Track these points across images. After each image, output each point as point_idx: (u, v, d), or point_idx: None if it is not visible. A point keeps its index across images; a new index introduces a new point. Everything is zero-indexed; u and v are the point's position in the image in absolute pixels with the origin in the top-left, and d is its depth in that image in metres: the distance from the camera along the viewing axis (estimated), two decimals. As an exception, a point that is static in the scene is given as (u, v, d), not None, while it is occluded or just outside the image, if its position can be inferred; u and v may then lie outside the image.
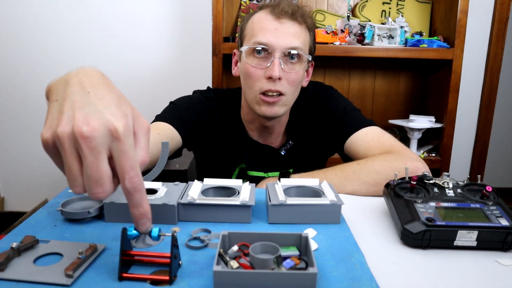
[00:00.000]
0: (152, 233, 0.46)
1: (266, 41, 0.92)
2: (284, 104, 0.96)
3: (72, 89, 0.40)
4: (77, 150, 0.38)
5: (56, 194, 0.71)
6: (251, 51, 0.94)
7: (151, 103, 2.03)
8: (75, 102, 0.39)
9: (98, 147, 0.38)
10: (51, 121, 0.39)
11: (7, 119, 2.14)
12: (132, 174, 0.39)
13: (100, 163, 0.38)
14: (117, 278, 0.44)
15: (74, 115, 0.38)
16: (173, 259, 0.44)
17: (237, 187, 0.65)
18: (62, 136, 0.38)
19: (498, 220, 0.55)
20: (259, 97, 0.94)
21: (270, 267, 0.42)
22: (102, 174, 0.39)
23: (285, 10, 0.92)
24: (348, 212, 0.67)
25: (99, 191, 0.39)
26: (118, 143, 0.39)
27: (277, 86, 0.93)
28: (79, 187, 0.39)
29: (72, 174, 0.39)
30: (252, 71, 0.94)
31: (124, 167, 0.39)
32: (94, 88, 0.41)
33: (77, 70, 0.43)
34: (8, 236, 0.54)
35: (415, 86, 2.03)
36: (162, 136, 0.90)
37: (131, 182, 0.39)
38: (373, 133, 0.96)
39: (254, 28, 0.95)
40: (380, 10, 1.90)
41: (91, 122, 0.38)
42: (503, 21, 1.98)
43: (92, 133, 0.37)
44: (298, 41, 0.93)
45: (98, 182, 0.39)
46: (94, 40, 2.03)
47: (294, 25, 0.93)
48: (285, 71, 0.93)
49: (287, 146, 1.09)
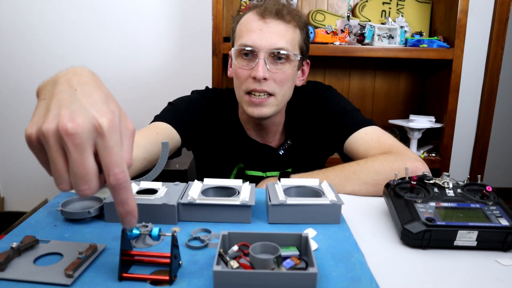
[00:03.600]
0: (152, 233, 0.46)
1: (250, 42, 0.92)
2: (273, 105, 0.96)
3: (60, 87, 0.41)
4: (62, 147, 0.38)
5: (56, 194, 0.71)
6: (238, 53, 0.95)
7: (151, 103, 2.03)
8: (62, 100, 0.39)
9: (83, 143, 0.38)
10: (37, 118, 0.39)
11: (7, 119, 2.14)
12: (117, 171, 0.39)
13: (86, 159, 0.38)
14: (117, 278, 0.44)
15: (60, 112, 0.38)
16: (173, 259, 0.44)
17: (237, 187, 0.65)
18: (47, 132, 0.38)
19: (498, 220, 0.55)
20: (246, 97, 0.96)
21: (270, 267, 0.42)
22: (87, 170, 0.38)
23: (269, 9, 0.92)
24: (348, 212, 0.67)
25: (85, 188, 0.39)
26: (103, 139, 0.39)
27: (263, 86, 0.93)
28: (65, 184, 0.39)
29: (58, 171, 0.39)
30: (239, 72, 0.95)
31: (108, 163, 0.39)
32: (82, 86, 0.41)
33: (66, 70, 0.43)
34: (8, 236, 0.54)
35: (415, 86, 2.03)
36: (161, 136, 0.90)
37: (116, 179, 0.39)
38: (372, 133, 0.96)
39: (241, 29, 0.96)
40: (380, 10, 1.90)
41: (76, 119, 0.38)
42: (503, 21, 1.98)
43: (77, 130, 0.37)
44: (283, 41, 0.92)
45: (84, 179, 0.38)
46: (94, 40, 2.04)
47: (280, 24, 0.93)
48: (271, 71, 0.93)
49: (285, 145, 1.09)
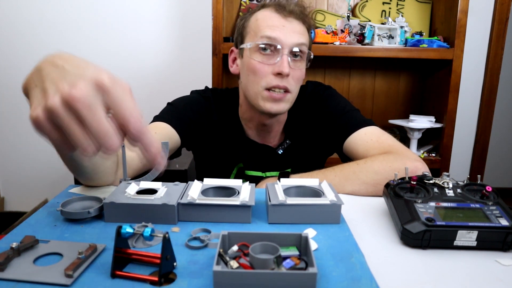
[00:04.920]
0: (144, 233, 0.46)
1: (275, 35, 0.92)
2: (289, 101, 0.97)
3: (46, 70, 0.41)
4: (75, 115, 0.38)
5: (56, 194, 0.71)
6: (256, 48, 0.94)
7: (151, 102, 2.02)
8: (54, 78, 0.40)
9: (93, 103, 0.38)
10: (37, 101, 0.40)
11: (7, 119, 2.14)
12: (133, 120, 0.40)
13: (101, 117, 0.39)
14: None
15: (58, 87, 0.39)
16: (164, 260, 0.44)
17: (237, 187, 0.65)
18: (55, 107, 0.38)
19: (498, 220, 0.55)
20: (265, 93, 0.94)
21: (270, 267, 0.42)
22: (107, 127, 0.39)
23: (293, 10, 0.94)
24: (348, 212, 0.67)
25: (112, 142, 0.39)
26: (109, 95, 0.39)
27: (284, 82, 0.93)
28: (91, 147, 0.40)
29: (79, 137, 0.39)
30: (259, 67, 0.93)
31: (123, 115, 0.39)
32: (66, 62, 0.41)
33: (44, 58, 0.44)
34: (8, 236, 0.54)
35: (415, 86, 2.03)
36: (161, 136, 0.90)
37: (135, 128, 0.40)
38: (372, 133, 0.96)
39: (259, 24, 0.95)
40: (380, 10, 1.90)
41: (76, 85, 0.38)
42: (503, 21, 1.98)
43: (82, 93, 0.38)
44: (303, 38, 0.95)
45: (107, 135, 0.39)
46: (94, 40, 2.04)
47: (299, 24, 0.95)
48: (291, 68, 0.93)
49: (284, 145, 1.09)
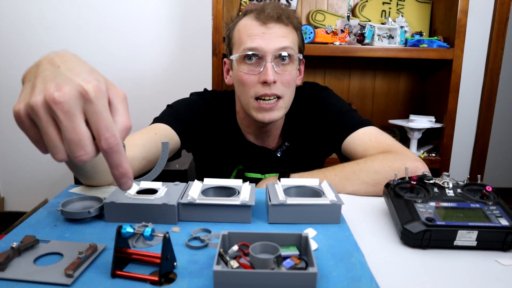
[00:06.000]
0: (144, 233, 0.46)
1: (255, 45, 0.91)
2: (282, 107, 0.96)
3: (43, 67, 0.41)
4: (53, 118, 0.39)
5: (56, 194, 0.71)
6: (241, 59, 0.94)
7: (151, 103, 2.03)
8: (46, 77, 0.40)
9: (72, 110, 0.38)
10: (24, 95, 0.40)
11: (7, 119, 2.14)
12: (107, 135, 0.39)
13: (77, 125, 0.39)
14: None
15: (45, 86, 0.39)
16: (164, 260, 0.44)
17: (237, 187, 0.65)
18: (36, 105, 0.38)
19: (498, 220, 0.55)
20: (255, 103, 0.94)
21: (270, 267, 0.42)
22: (80, 136, 0.39)
23: (271, 15, 0.92)
24: (348, 212, 0.67)
25: (81, 153, 0.39)
26: (90, 105, 0.39)
27: (273, 89, 0.92)
28: (61, 153, 0.40)
29: (52, 141, 0.39)
30: (246, 78, 0.93)
31: (98, 128, 0.39)
32: (64, 63, 0.42)
33: (47, 54, 0.44)
34: (8, 236, 0.54)
35: (415, 86, 2.02)
36: (160, 136, 0.90)
37: (107, 143, 0.39)
38: (370, 133, 0.96)
39: (241, 35, 0.94)
40: (380, 10, 1.90)
41: (62, 88, 0.38)
42: (503, 21, 1.98)
43: (64, 97, 0.38)
44: (287, 41, 0.93)
45: (78, 145, 0.39)
46: (94, 40, 2.03)
47: (281, 28, 0.93)
48: (278, 73, 0.92)
49: (283, 147, 1.09)
